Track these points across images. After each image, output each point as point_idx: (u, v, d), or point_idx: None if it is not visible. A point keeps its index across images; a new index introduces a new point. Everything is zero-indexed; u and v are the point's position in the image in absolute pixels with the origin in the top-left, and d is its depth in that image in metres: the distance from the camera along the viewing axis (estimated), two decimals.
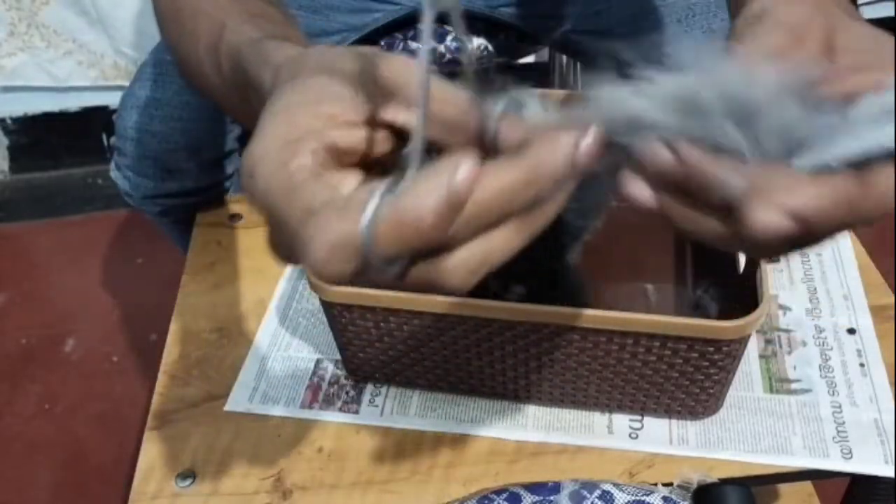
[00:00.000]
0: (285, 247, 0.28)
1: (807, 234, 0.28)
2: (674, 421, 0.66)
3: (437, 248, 0.26)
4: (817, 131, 0.29)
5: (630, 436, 0.65)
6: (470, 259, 0.27)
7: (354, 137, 0.29)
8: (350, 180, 0.29)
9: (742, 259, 0.67)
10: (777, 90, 0.29)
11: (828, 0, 0.38)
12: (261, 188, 0.27)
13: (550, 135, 0.27)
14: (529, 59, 1.59)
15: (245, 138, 0.94)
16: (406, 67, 0.30)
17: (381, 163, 0.31)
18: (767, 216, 0.27)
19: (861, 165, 0.28)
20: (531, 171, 0.27)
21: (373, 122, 0.30)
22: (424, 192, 0.25)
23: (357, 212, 0.25)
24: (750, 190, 0.27)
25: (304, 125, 0.28)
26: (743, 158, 0.29)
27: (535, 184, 0.27)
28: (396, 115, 0.30)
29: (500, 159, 0.27)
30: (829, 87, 0.30)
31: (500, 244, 0.27)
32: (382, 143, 0.30)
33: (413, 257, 0.26)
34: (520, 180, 0.26)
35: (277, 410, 0.69)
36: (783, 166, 0.29)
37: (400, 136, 0.30)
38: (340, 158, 0.29)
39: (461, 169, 0.25)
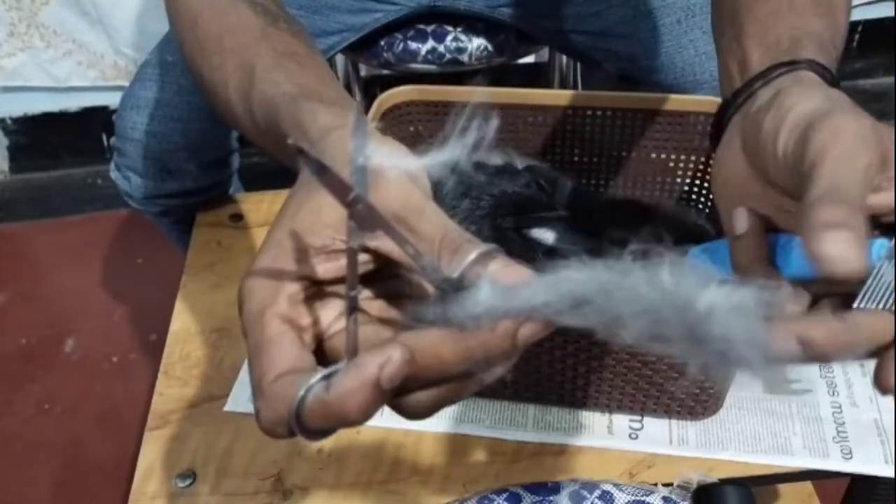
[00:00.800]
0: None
1: None
2: (674, 421, 0.66)
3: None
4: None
5: (630, 436, 0.65)
6: (424, 401, 0.30)
7: (335, 267, 0.32)
8: (327, 312, 0.32)
9: None
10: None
11: (848, 100, 0.36)
12: (244, 326, 0.31)
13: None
14: (529, 59, 1.59)
15: (247, 142, 0.94)
16: (397, 193, 0.31)
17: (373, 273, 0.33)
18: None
19: None
20: (467, 351, 0.28)
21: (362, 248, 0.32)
22: (350, 389, 0.27)
23: (290, 398, 0.28)
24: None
25: (292, 258, 0.31)
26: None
27: (471, 360, 0.28)
28: (380, 243, 0.32)
29: (441, 333, 0.28)
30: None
31: (451, 393, 0.30)
32: (365, 265, 0.33)
33: None
34: (457, 356, 0.28)
35: None
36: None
37: (383, 257, 0.33)
38: (323, 285, 0.32)
39: (388, 367, 0.27)
